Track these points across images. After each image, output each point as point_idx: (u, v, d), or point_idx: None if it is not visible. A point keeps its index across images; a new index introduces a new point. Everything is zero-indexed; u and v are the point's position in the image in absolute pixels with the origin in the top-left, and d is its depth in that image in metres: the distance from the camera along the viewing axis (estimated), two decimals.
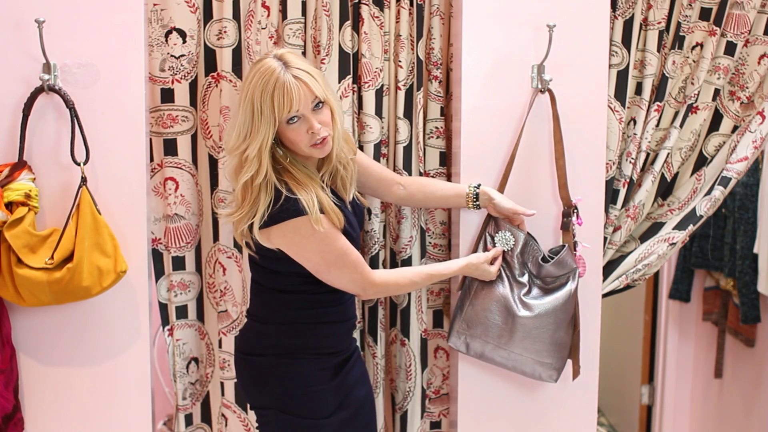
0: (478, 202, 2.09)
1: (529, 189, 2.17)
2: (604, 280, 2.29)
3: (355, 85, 2.19)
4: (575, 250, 2.13)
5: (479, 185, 2.10)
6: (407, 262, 2.23)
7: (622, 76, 2.25)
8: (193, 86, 2.18)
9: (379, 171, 2.12)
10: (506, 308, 2.06)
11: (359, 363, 2.05)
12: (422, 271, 2.04)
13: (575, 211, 2.13)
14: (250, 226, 1.83)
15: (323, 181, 1.92)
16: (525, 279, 2.09)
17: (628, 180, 2.27)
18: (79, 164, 1.95)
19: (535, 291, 2.09)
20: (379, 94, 2.20)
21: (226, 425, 2.28)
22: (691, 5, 2.28)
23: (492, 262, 2.07)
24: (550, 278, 2.10)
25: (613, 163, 2.26)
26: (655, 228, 2.35)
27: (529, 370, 2.11)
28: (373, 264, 2.23)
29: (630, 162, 2.26)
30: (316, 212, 1.80)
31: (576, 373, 2.16)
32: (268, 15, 2.12)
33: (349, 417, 1.96)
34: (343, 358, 1.98)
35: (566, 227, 2.14)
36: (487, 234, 2.11)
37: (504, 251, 2.09)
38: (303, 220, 1.80)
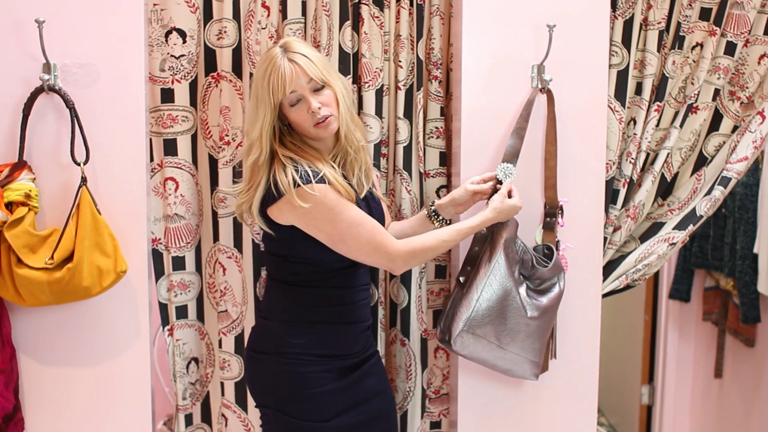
0: (440, 216, 2.08)
1: (528, 189, 2.16)
2: (604, 280, 2.29)
3: (355, 85, 2.19)
4: (558, 249, 2.14)
5: (434, 201, 2.10)
6: None
7: (622, 76, 2.25)
8: (193, 86, 2.18)
9: None
10: (513, 309, 2.05)
11: (377, 373, 2.03)
12: (450, 229, 1.98)
13: (561, 212, 2.13)
14: (263, 209, 1.87)
15: (335, 162, 1.94)
16: (522, 279, 2.09)
17: (628, 180, 2.27)
18: (79, 164, 1.95)
19: (531, 292, 2.09)
20: (379, 94, 2.20)
21: (226, 425, 2.28)
22: (691, 5, 2.27)
23: (510, 196, 2.02)
24: (539, 280, 2.10)
25: (613, 163, 2.25)
26: (655, 228, 2.35)
27: (519, 370, 2.09)
28: None
29: (630, 162, 2.26)
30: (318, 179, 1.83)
31: (544, 368, 2.17)
32: (268, 15, 2.12)
33: (355, 425, 1.94)
34: (353, 362, 1.97)
35: (550, 227, 2.14)
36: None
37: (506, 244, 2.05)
38: (304, 189, 1.82)
